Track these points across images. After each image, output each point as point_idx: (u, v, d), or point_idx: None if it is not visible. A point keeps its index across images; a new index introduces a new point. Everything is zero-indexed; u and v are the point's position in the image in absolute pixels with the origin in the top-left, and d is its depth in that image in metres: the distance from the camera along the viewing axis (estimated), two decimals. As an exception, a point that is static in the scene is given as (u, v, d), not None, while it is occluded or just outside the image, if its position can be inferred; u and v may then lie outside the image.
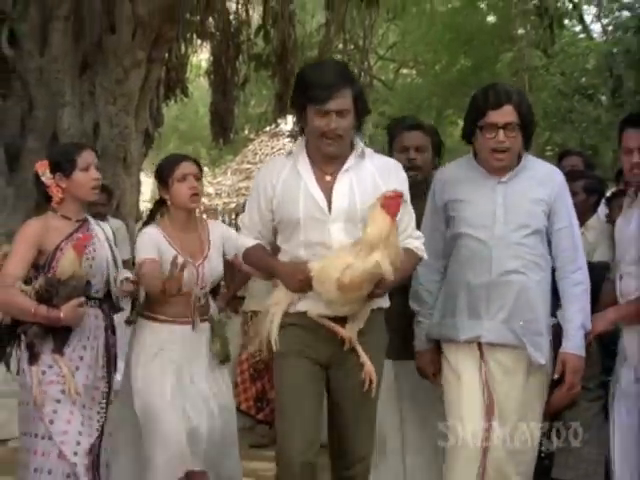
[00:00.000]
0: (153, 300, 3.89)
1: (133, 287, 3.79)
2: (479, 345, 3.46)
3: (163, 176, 3.92)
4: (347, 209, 3.25)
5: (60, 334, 3.61)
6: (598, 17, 15.65)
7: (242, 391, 6.82)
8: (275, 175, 3.37)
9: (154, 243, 3.88)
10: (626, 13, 14.34)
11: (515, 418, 3.41)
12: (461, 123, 3.85)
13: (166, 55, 8.43)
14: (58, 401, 3.53)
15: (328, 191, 3.28)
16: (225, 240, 4.04)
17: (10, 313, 3.65)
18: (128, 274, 3.82)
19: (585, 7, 15.53)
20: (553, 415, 3.73)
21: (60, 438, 3.49)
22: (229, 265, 4.11)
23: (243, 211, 3.67)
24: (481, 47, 13.79)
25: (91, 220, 3.84)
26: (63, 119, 6.91)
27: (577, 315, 3.42)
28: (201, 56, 12.07)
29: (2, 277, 3.62)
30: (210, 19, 8.63)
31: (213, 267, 3.95)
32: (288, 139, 11.93)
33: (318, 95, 3.18)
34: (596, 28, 15.63)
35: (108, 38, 7.30)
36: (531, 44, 13.68)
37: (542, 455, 3.71)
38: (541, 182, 3.49)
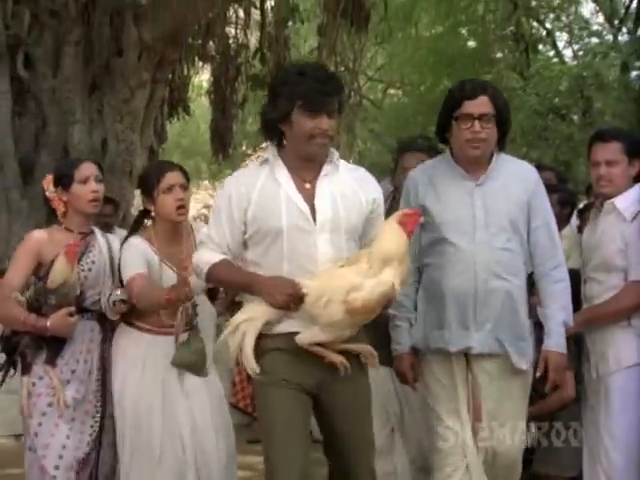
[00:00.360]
0: (136, 308, 3.47)
1: (125, 309, 3.44)
2: (465, 355, 3.23)
3: (148, 186, 3.48)
4: (331, 219, 2.91)
5: (53, 345, 3.40)
6: (570, 43, 15.76)
7: (240, 389, 6.82)
8: (249, 184, 2.98)
9: (141, 255, 3.46)
10: (595, 40, 14.45)
11: (501, 421, 3.21)
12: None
13: (169, 76, 8.45)
14: (44, 414, 3.35)
15: (310, 199, 2.93)
16: None
17: (6, 324, 3.50)
18: (123, 295, 3.43)
19: (558, 34, 15.61)
20: (547, 415, 3.63)
21: (42, 452, 3.32)
22: None
23: None
24: (462, 69, 13.80)
25: (97, 232, 3.60)
26: (74, 135, 6.94)
27: (558, 312, 3.20)
28: (202, 77, 12.09)
29: (0, 288, 3.46)
30: (211, 43, 8.66)
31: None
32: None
33: (314, 98, 2.88)
34: (568, 53, 15.71)
35: (115, 61, 7.34)
36: (508, 67, 13.71)
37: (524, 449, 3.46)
38: (517, 181, 3.25)
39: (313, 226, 2.89)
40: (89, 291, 3.50)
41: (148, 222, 3.64)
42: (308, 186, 2.96)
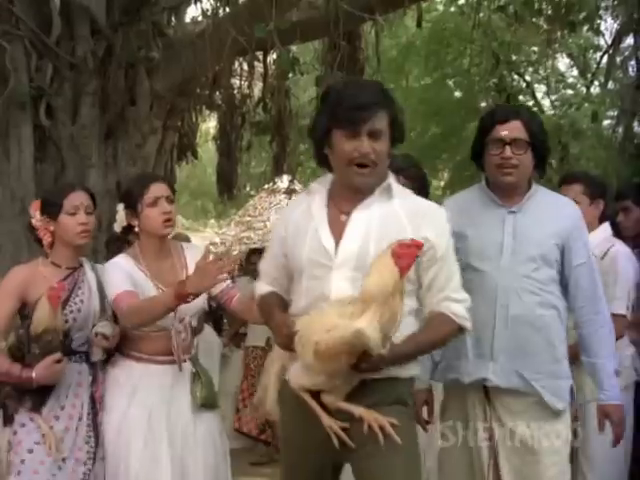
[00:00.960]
0: (130, 335, 3.12)
1: (106, 344, 3.04)
2: (485, 388, 2.85)
3: (131, 200, 3.10)
4: (357, 254, 2.36)
5: (37, 392, 2.96)
6: (547, 94, 15.88)
7: (243, 415, 6.75)
8: (289, 215, 2.62)
9: (125, 274, 3.03)
10: (570, 91, 14.55)
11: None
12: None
13: (179, 123, 8.45)
14: (30, 451, 2.93)
15: (339, 232, 2.43)
16: None
17: None
18: (105, 329, 3.03)
19: (536, 86, 15.73)
20: None
21: None
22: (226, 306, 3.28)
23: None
24: (449, 117, 13.89)
25: (86, 266, 3.15)
26: (90, 178, 6.90)
27: (607, 361, 2.86)
28: (209, 124, 12.15)
29: None
30: (217, 93, 8.69)
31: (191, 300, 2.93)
32: (284, 195, 11.93)
33: (351, 114, 2.36)
34: (546, 103, 15.83)
35: (129, 110, 7.35)
36: (492, 115, 13.80)
37: None
38: (556, 214, 2.89)
39: (333, 261, 2.41)
40: (77, 333, 3.08)
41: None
42: (343, 218, 2.46)
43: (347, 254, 2.40)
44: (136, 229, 3.15)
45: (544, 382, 2.79)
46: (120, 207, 3.14)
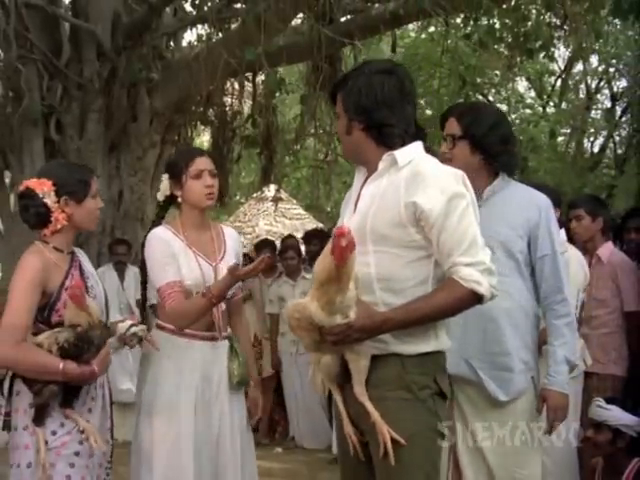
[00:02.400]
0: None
1: (136, 345, 2.75)
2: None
3: (176, 171, 2.87)
4: (356, 227, 2.11)
5: (70, 387, 2.51)
6: (508, 113, 15.89)
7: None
8: (348, 193, 2.40)
9: (165, 246, 2.81)
10: (528, 110, 14.73)
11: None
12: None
13: (176, 138, 8.47)
14: (72, 465, 2.46)
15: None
16: (237, 254, 3.00)
17: (26, 373, 2.46)
18: (141, 331, 2.72)
19: (498, 105, 15.78)
20: None
21: None
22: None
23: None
24: (421, 133, 13.91)
25: (77, 251, 2.70)
26: (95, 188, 6.92)
27: (559, 349, 2.62)
28: (203, 138, 12.13)
29: (9, 330, 2.41)
30: (210, 110, 8.69)
31: None
32: (270, 203, 11.93)
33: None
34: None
35: (131, 125, 7.37)
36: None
37: None
38: (520, 206, 2.67)
39: None
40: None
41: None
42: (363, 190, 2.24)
43: (352, 229, 2.04)
44: (179, 199, 2.92)
45: (490, 372, 2.58)
46: (165, 177, 2.95)
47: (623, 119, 15.19)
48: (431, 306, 2.08)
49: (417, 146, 2.23)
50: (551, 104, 15.25)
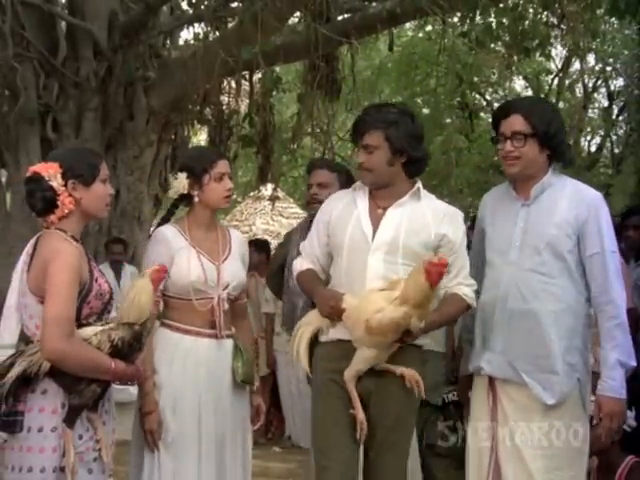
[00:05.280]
0: (173, 306, 2.90)
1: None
2: (490, 378, 2.68)
3: (197, 172, 2.91)
4: (390, 241, 2.63)
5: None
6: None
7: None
8: (335, 204, 2.82)
9: (165, 248, 2.87)
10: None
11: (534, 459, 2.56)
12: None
13: (173, 136, 8.47)
14: (90, 471, 2.36)
15: (377, 222, 2.69)
16: (242, 258, 3.05)
17: (74, 369, 2.30)
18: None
19: (495, 104, 15.83)
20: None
21: None
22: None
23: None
24: (418, 132, 13.93)
25: None
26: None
27: (611, 353, 2.54)
28: (200, 137, 12.12)
29: (58, 323, 2.26)
30: (207, 109, 8.68)
31: (235, 269, 2.95)
32: (267, 202, 11.95)
33: (353, 132, 2.79)
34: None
35: (128, 124, 7.36)
36: (456, 130, 13.91)
37: None
38: (569, 203, 2.62)
39: (370, 245, 2.65)
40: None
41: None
42: (380, 211, 2.72)
43: (382, 241, 2.66)
44: (195, 199, 2.95)
45: (535, 375, 2.57)
46: (182, 176, 2.97)
47: (620, 118, 15.23)
48: (446, 316, 2.70)
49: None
50: (548, 103, 15.26)
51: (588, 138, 16.16)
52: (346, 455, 2.65)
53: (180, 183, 2.97)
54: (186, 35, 21.08)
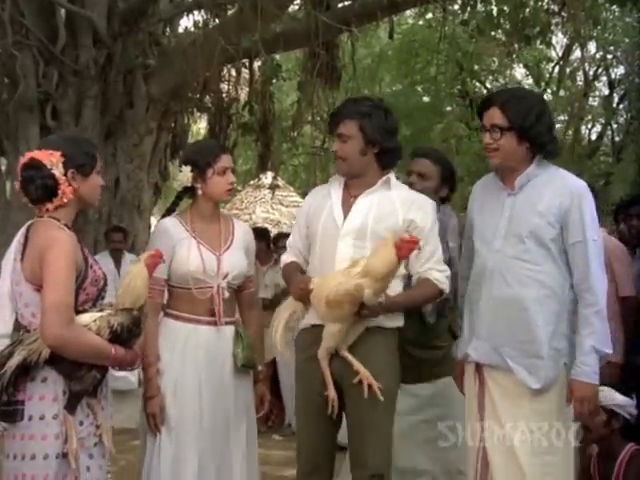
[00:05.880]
0: (175, 295, 2.98)
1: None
2: (477, 364, 2.72)
3: (201, 165, 2.99)
4: (358, 227, 2.77)
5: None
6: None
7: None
8: (313, 197, 3.00)
9: (167, 239, 2.94)
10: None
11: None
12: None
13: (172, 125, 8.46)
14: (91, 456, 2.37)
15: (348, 210, 2.83)
16: (247, 248, 3.12)
17: (74, 355, 2.30)
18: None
19: (496, 91, 15.81)
20: None
21: None
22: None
23: None
24: (418, 120, 13.93)
25: None
26: (91, 174, 6.91)
27: (586, 339, 2.56)
28: (200, 125, 12.12)
29: (58, 310, 2.25)
30: (207, 97, 8.67)
31: (235, 260, 3.01)
32: (267, 190, 11.95)
33: (329, 122, 2.93)
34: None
35: (127, 112, 7.35)
36: (456, 119, 13.88)
37: None
38: (553, 192, 2.64)
39: (339, 231, 2.81)
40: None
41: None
42: (352, 200, 2.86)
43: (350, 227, 2.80)
44: (199, 191, 3.04)
45: (520, 360, 2.60)
46: (186, 169, 3.11)
47: (621, 106, 15.19)
48: (417, 296, 2.83)
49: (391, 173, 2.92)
50: (549, 91, 15.22)
51: (589, 126, 16.12)
52: (317, 440, 2.82)
53: (184, 176, 3.10)
54: (186, 23, 21.00)
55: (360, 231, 2.78)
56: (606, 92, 15.55)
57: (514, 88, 7.09)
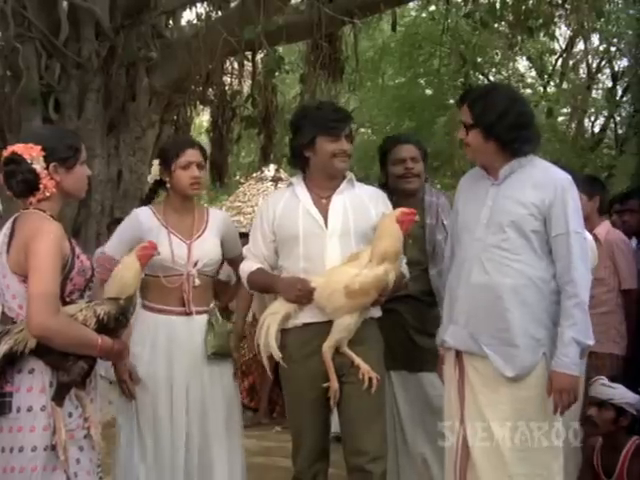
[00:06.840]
0: (147, 286, 2.98)
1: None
2: (457, 352, 2.74)
3: (167, 160, 3.08)
4: (342, 226, 2.89)
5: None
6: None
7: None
8: (275, 202, 3.01)
9: (136, 223, 3.05)
10: (528, 90, 14.58)
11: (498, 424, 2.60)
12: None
13: (175, 117, 8.45)
14: (81, 448, 2.34)
15: (324, 210, 2.92)
16: (226, 232, 3.19)
17: (62, 346, 2.28)
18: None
19: (499, 84, 15.74)
20: None
21: None
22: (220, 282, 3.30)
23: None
24: (421, 113, 13.92)
25: None
26: (94, 167, 6.90)
27: (567, 330, 2.56)
28: (203, 118, 12.08)
29: (44, 299, 2.23)
30: (210, 89, 8.65)
31: (207, 247, 3.07)
32: (270, 182, 11.93)
33: (334, 125, 2.94)
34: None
35: (130, 105, 7.33)
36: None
37: None
38: (536, 185, 2.65)
39: (325, 231, 2.89)
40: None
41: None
42: (324, 201, 2.96)
43: (335, 226, 2.90)
44: (167, 185, 3.16)
45: (496, 348, 2.61)
46: (156, 162, 3.19)
47: (624, 99, 15.12)
48: (397, 286, 2.91)
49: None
50: (552, 84, 15.17)
51: (592, 119, 16.07)
52: (320, 429, 2.91)
53: (154, 169, 3.16)
54: (188, 15, 20.93)
55: (344, 229, 2.90)
56: (609, 84, 15.48)
57: (487, 85, 7.11)
